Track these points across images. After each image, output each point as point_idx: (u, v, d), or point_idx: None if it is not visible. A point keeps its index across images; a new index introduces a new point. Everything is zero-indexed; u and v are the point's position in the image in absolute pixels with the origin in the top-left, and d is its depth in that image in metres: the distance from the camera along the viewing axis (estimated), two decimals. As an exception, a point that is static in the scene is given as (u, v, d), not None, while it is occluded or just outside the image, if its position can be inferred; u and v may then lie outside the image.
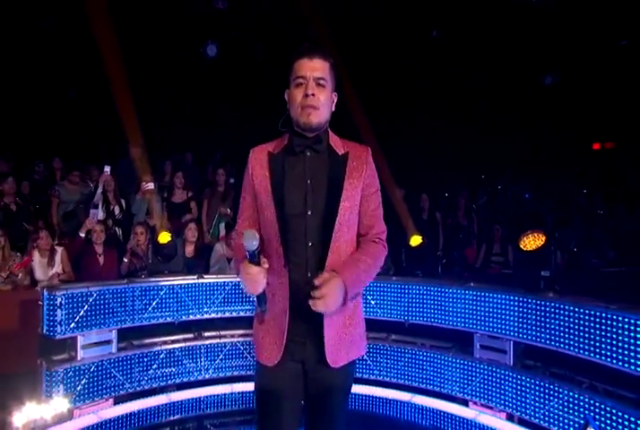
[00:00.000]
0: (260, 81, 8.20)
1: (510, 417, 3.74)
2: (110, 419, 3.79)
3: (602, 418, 3.05)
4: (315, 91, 1.75)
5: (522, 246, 3.62)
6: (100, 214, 5.45)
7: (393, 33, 7.72)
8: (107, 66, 5.73)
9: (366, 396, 4.19)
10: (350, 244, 1.82)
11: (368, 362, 4.37)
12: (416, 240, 5.03)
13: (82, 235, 5.12)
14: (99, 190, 5.54)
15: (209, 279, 4.50)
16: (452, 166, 10.04)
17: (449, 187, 8.71)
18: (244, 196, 1.91)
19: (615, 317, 2.96)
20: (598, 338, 3.08)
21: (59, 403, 3.39)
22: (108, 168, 5.65)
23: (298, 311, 1.76)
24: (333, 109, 1.86)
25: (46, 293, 3.80)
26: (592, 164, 11.42)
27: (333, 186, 1.78)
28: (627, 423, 2.89)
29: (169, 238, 4.98)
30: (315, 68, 1.77)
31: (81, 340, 3.86)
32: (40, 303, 3.81)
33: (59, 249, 5.05)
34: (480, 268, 6.45)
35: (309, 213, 1.76)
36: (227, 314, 4.47)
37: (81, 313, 3.84)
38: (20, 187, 5.90)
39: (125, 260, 5.12)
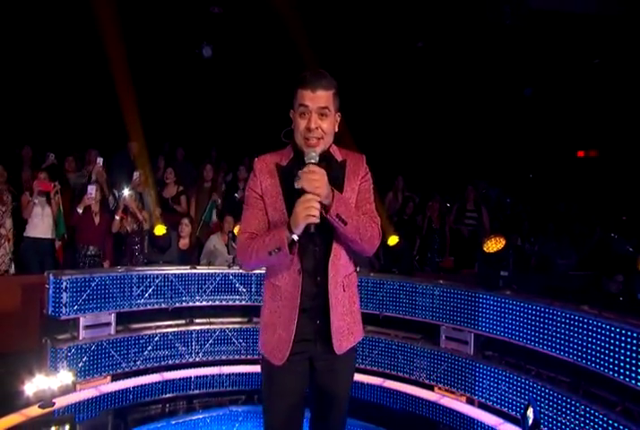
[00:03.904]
0: (252, 81, 8.61)
1: (470, 401, 4.18)
2: (108, 394, 4.17)
3: (543, 399, 3.51)
4: (317, 123, 1.85)
5: (484, 249, 4.04)
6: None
7: (381, 42, 8.16)
8: (112, 65, 6.07)
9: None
10: (346, 244, 1.96)
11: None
12: (393, 240, 5.44)
13: (80, 210, 5.32)
14: (93, 179, 5.81)
15: (201, 269, 4.88)
16: (439, 170, 10.44)
17: (438, 191, 9.07)
18: (250, 203, 1.97)
19: (556, 312, 3.41)
20: (542, 330, 3.53)
21: (64, 376, 3.76)
22: (100, 160, 5.90)
23: (308, 312, 1.92)
24: (337, 129, 1.96)
25: (52, 277, 4.16)
26: (576, 171, 11.88)
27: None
28: (560, 402, 3.38)
29: (164, 231, 5.34)
30: (317, 100, 1.84)
31: (83, 322, 4.23)
32: (47, 286, 4.17)
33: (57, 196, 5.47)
34: (455, 268, 6.91)
35: (317, 223, 1.83)
36: (217, 303, 4.85)
37: (83, 297, 4.20)
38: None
39: (117, 217, 5.39)
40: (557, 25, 7.42)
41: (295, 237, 1.80)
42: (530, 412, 3.01)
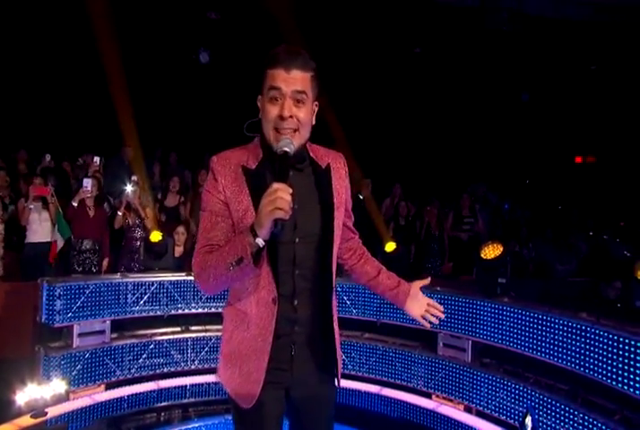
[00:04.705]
0: (249, 87, 8.59)
1: (468, 409, 4.13)
2: (102, 403, 4.11)
3: (541, 407, 3.48)
4: (292, 111, 1.52)
5: (482, 255, 4.02)
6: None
7: (378, 48, 8.19)
8: (107, 70, 6.07)
9: (339, 389, 4.55)
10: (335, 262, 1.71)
11: (343, 357, 4.74)
12: (390, 246, 5.41)
13: (75, 204, 5.27)
14: (89, 174, 5.74)
15: (197, 276, 4.83)
16: (437, 177, 10.44)
17: (436, 197, 9.05)
18: (210, 210, 1.59)
19: (554, 320, 3.39)
20: (540, 338, 3.51)
21: (57, 384, 3.71)
22: (97, 159, 5.83)
23: (283, 340, 1.61)
24: (314, 122, 1.63)
25: (46, 284, 4.12)
26: (573, 177, 11.90)
27: (325, 209, 1.62)
28: (558, 410, 3.35)
29: (160, 237, 5.30)
30: (293, 82, 1.52)
31: (77, 329, 4.18)
32: (40, 293, 4.13)
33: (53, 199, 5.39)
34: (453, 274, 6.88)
35: (297, 241, 1.58)
36: (212, 310, 4.79)
37: (78, 304, 4.16)
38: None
39: (120, 213, 5.34)
40: (554, 32, 7.47)
41: (261, 243, 1.42)
42: (528, 420, 2.98)
